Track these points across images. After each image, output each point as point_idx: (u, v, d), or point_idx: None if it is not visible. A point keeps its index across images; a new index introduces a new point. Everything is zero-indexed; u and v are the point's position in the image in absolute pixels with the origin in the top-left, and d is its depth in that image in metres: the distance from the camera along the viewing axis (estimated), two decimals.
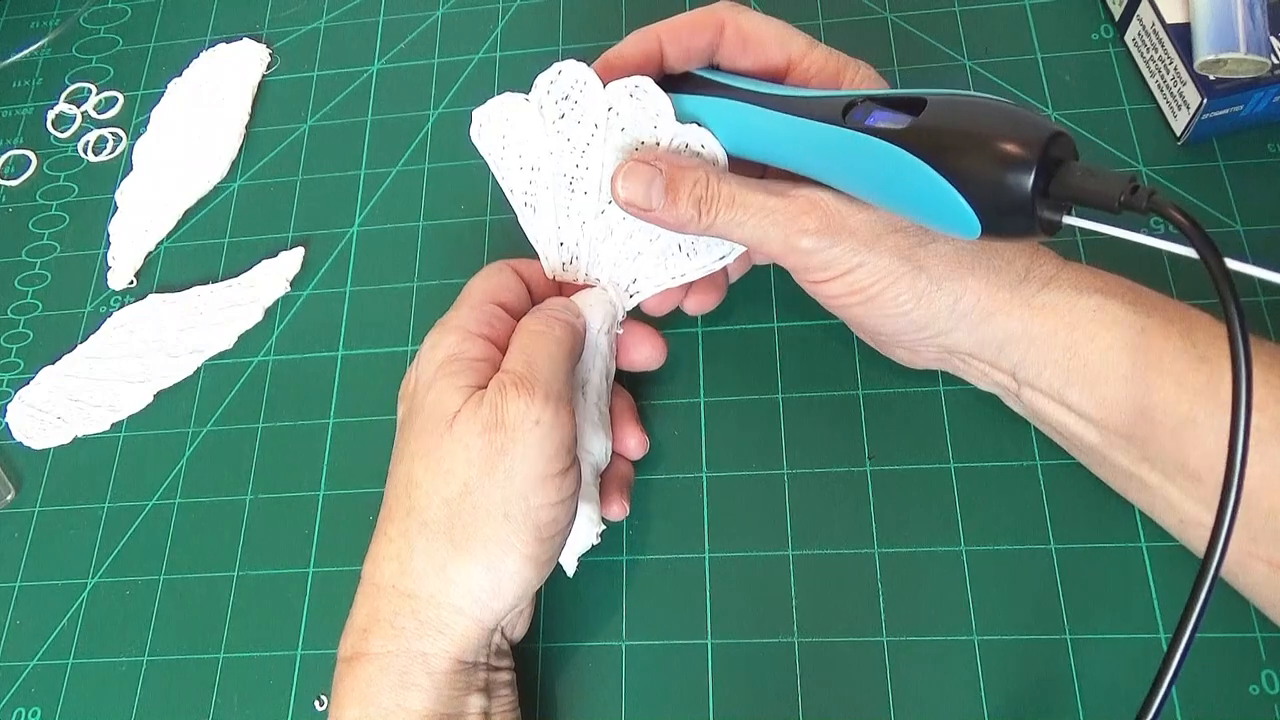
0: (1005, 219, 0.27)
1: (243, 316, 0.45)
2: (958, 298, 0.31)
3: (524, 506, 0.30)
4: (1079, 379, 0.31)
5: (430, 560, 0.30)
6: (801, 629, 0.36)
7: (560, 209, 0.36)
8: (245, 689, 0.38)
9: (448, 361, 0.32)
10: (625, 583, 0.38)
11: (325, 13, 0.53)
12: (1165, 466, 0.30)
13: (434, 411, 0.31)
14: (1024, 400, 0.33)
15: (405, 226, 0.46)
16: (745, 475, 0.39)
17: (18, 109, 0.53)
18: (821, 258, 0.31)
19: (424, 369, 0.33)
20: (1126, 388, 0.30)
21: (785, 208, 0.31)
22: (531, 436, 0.30)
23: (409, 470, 0.31)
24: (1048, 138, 0.26)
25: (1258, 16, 0.39)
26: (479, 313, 0.34)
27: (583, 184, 0.35)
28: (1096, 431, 0.31)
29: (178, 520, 0.41)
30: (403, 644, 0.30)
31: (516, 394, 0.30)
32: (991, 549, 0.36)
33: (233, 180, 0.49)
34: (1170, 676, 0.25)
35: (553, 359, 0.32)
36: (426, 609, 0.30)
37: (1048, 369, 0.31)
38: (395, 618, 0.30)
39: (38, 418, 0.44)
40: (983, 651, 0.35)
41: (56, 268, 0.48)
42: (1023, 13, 0.46)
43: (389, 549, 0.31)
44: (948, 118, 0.28)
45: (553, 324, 0.33)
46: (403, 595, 0.30)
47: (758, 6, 0.49)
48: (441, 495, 0.30)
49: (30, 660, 0.40)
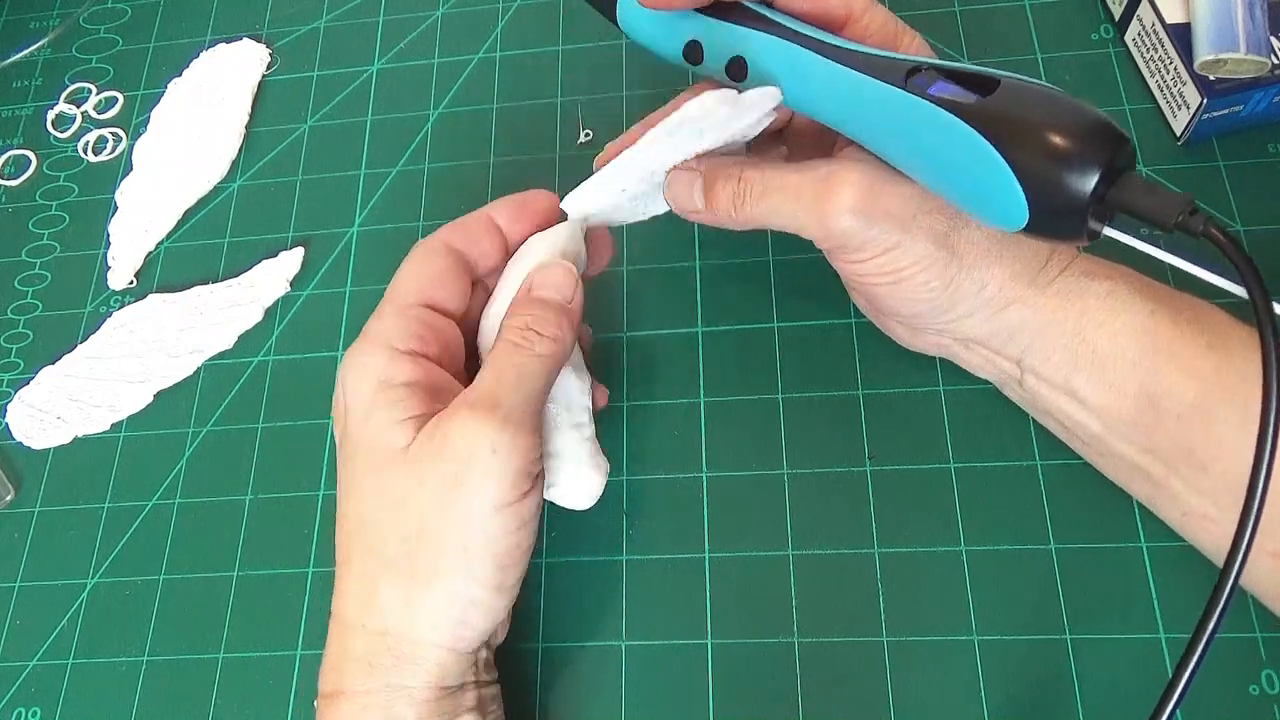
0: (1056, 218, 0.26)
1: (243, 316, 0.45)
2: (983, 285, 0.31)
3: (483, 539, 0.29)
4: (1086, 364, 0.31)
5: (394, 598, 0.29)
6: (801, 629, 0.36)
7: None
8: (245, 689, 0.38)
9: (379, 390, 0.30)
10: (625, 583, 0.38)
11: (325, 13, 0.53)
12: (1170, 456, 0.30)
13: (376, 446, 0.30)
14: (1026, 388, 0.33)
15: (405, 226, 0.46)
16: (745, 475, 0.39)
17: (18, 109, 0.53)
18: (858, 239, 0.30)
19: (354, 397, 0.31)
20: (1134, 373, 0.30)
21: (817, 189, 0.30)
22: (489, 465, 0.28)
23: (360, 509, 0.30)
24: (1117, 144, 0.26)
25: (1258, 16, 0.39)
26: (405, 322, 0.31)
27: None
28: (1101, 420, 0.31)
29: (178, 520, 0.41)
30: (381, 680, 0.29)
31: (472, 418, 0.28)
32: (991, 549, 0.36)
33: (233, 180, 0.49)
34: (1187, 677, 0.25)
35: (525, 379, 0.30)
36: (399, 645, 0.29)
37: (1055, 354, 0.31)
38: (370, 656, 0.29)
39: (38, 418, 0.44)
40: (983, 651, 0.35)
41: (56, 268, 0.48)
42: (1023, 13, 0.46)
43: (354, 587, 0.30)
44: (1022, 103, 0.27)
45: (535, 340, 0.31)
46: (373, 634, 0.29)
47: None
48: (399, 533, 0.29)
49: (30, 660, 0.40)
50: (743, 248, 0.42)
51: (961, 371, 0.36)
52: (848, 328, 0.40)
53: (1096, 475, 0.35)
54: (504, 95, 0.49)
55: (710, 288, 0.42)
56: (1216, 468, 0.29)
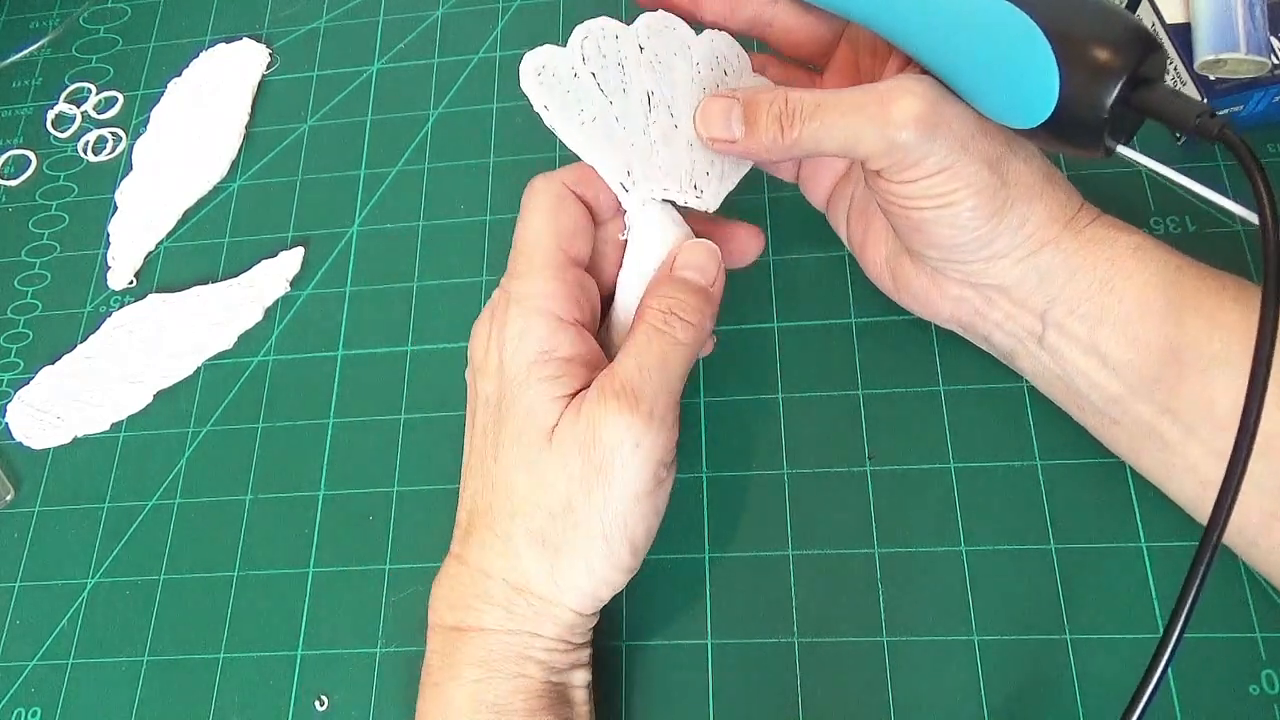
0: (1083, 108, 0.27)
1: (243, 316, 0.45)
2: (1024, 220, 0.31)
3: (620, 524, 0.30)
4: (1112, 316, 0.31)
5: (538, 564, 0.30)
6: (801, 629, 0.36)
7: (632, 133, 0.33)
8: (245, 689, 0.38)
9: (540, 362, 0.30)
10: None
11: (325, 13, 0.53)
12: (1191, 415, 0.30)
13: (529, 421, 0.30)
14: (1046, 345, 0.32)
15: (405, 226, 0.46)
16: (745, 475, 0.39)
17: (18, 109, 0.53)
18: (918, 152, 0.29)
19: (512, 360, 0.30)
20: (1159, 325, 0.30)
21: (879, 100, 0.29)
22: (632, 460, 0.29)
23: (510, 476, 0.30)
24: (1151, 49, 0.27)
25: (1258, 16, 0.39)
26: (565, 286, 0.31)
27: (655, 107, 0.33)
28: (1121, 378, 0.31)
29: (178, 520, 0.41)
30: (519, 624, 0.31)
31: (619, 410, 0.29)
32: (991, 549, 0.36)
33: (233, 180, 0.49)
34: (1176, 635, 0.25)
35: (667, 367, 0.30)
36: (538, 602, 0.31)
37: (1082, 304, 0.31)
38: (509, 604, 0.31)
39: (38, 418, 0.44)
40: (983, 651, 0.35)
41: (56, 268, 0.48)
42: None
43: (496, 545, 0.31)
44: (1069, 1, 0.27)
45: (677, 326, 0.30)
46: (514, 589, 0.31)
47: None
48: (545, 507, 0.30)
49: (30, 660, 0.40)
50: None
51: (962, 372, 0.36)
52: (848, 328, 0.40)
53: (1096, 475, 0.35)
54: (504, 95, 0.49)
55: None
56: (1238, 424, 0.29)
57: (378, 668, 0.38)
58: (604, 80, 0.33)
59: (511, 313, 0.31)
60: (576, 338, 0.31)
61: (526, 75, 0.32)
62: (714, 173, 0.34)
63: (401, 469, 0.41)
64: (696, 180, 0.33)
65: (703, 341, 0.31)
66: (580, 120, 0.32)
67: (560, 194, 0.32)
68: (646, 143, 0.33)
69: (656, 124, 0.33)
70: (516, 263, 0.32)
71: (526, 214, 0.32)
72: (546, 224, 0.31)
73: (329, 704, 0.37)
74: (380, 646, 0.38)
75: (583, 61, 0.32)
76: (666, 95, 0.33)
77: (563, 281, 0.31)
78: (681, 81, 0.34)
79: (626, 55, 0.33)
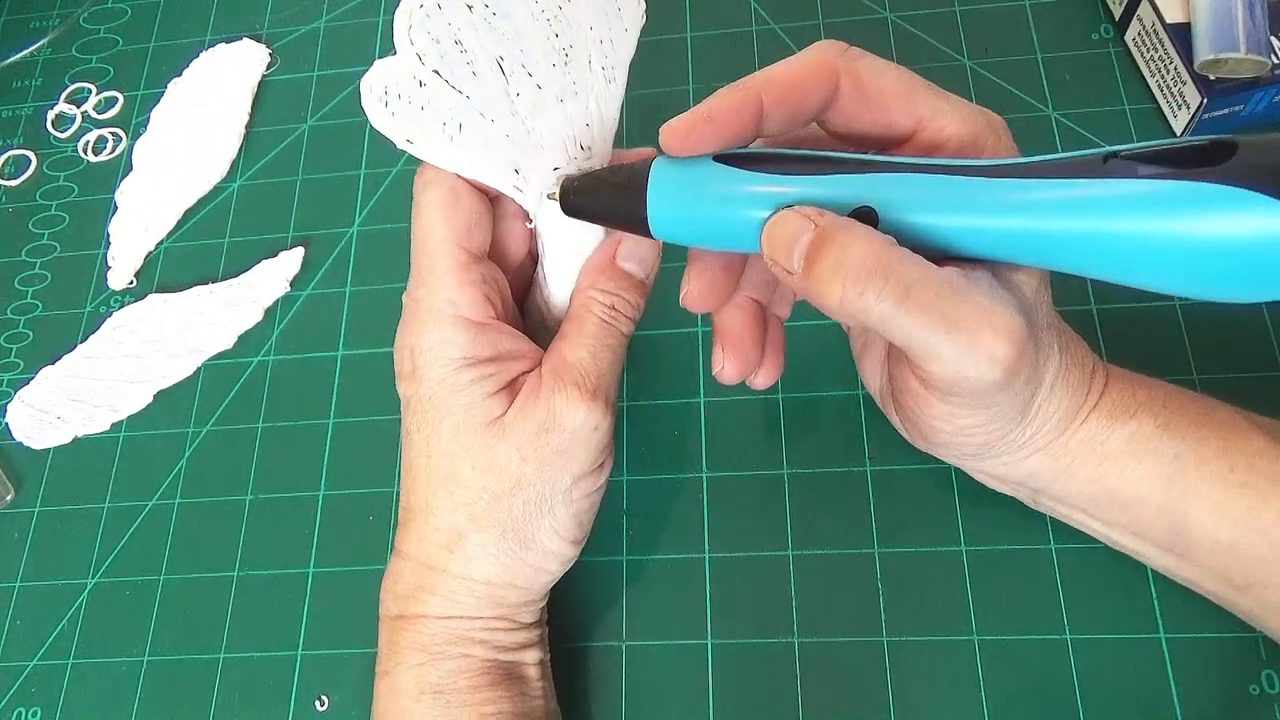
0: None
1: (243, 316, 0.45)
2: (1024, 441, 0.29)
3: (567, 500, 0.31)
4: (1108, 504, 0.30)
5: (483, 549, 0.31)
6: (801, 629, 0.36)
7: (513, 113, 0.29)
8: (245, 689, 0.38)
9: (464, 367, 0.30)
10: (625, 583, 0.38)
11: (325, 13, 0.53)
12: (1207, 574, 0.30)
13: (468, 417, 0.30)
14: (1043, 507, 0.33)
15: (405, 226, 0.46)
16: (745, 475, 0.39)
17: (18, 109, 0.53)
18: (984, 397, 0.26)
19: (437, 367, 0.30)
20: (1161, 515, 0.30)
21: (973, 325, 0.24)
22: (590, 440, 0.30)
23: (452, 469, 0.30)
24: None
25: (1258, 16, 0.39)
26: (472, 287, 0.30)
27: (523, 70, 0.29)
28: (1131, 538, 0.31)
29: (178, 520, 0.41)
30: (460, 610, 0.31)
31: (580, 398, 0.29)
32: (991, 549, 0.36)
33: (233, 180, 0.49)
34: None
35: (614, 357, 0.31)
36: (481, 587, 0.31)
37: (1072, 496, 0.31)
38: (453, 593, 0.31)
39: (38, 418, 0.44)
40: (983, 651, 0.35)
41: (56, 268, 0.48)
42: (1023, 13, 0.46)
43: (436, 538, 0.31)
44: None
45: (621, 320, 0.31)
46: (458, 577, 0.31)
47: (763, 11, 0.49)
48: (492, 491, 0.30)
49: (30, 660, 0.40)
50: None
51: None
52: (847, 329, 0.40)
53: None
54: None
55: None
56: (1253, 592, 0.29)
57: None
58: (450, 73, 0.28)
59: (426, 323, 0.30)
60: (496, 335, 0.30)
61: (374, 110, 0.27)
62: (594, 120, 0.30)
63: (401, 469, 0.41)
64: (580, 139, 0.30)
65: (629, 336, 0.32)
66: (448, 136, 0.28)
67: (453, 187, 0.30)
68: (518, 125, 0.29)
69: (520, 95, 0.29)
70: (419, 268, 0.30)
71: (421, 213, 0.30)
72: (443, 224, 0.30)
73: (329, 704, 0.37)
74: None
75: (421, 62, 0.27)
76: (515, 53, 0.29)
77: (468, 283, 0.30)
78: (524, 25, 0.29)
79: (459, 26, 0.28)
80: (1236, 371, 0.37)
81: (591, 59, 0.30)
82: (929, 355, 0.25)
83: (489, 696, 0.31)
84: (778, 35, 0.48)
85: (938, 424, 0.28)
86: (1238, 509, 0.28)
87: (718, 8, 0.49)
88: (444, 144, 0.28)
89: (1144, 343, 0.31)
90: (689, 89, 0.47)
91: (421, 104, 0.27)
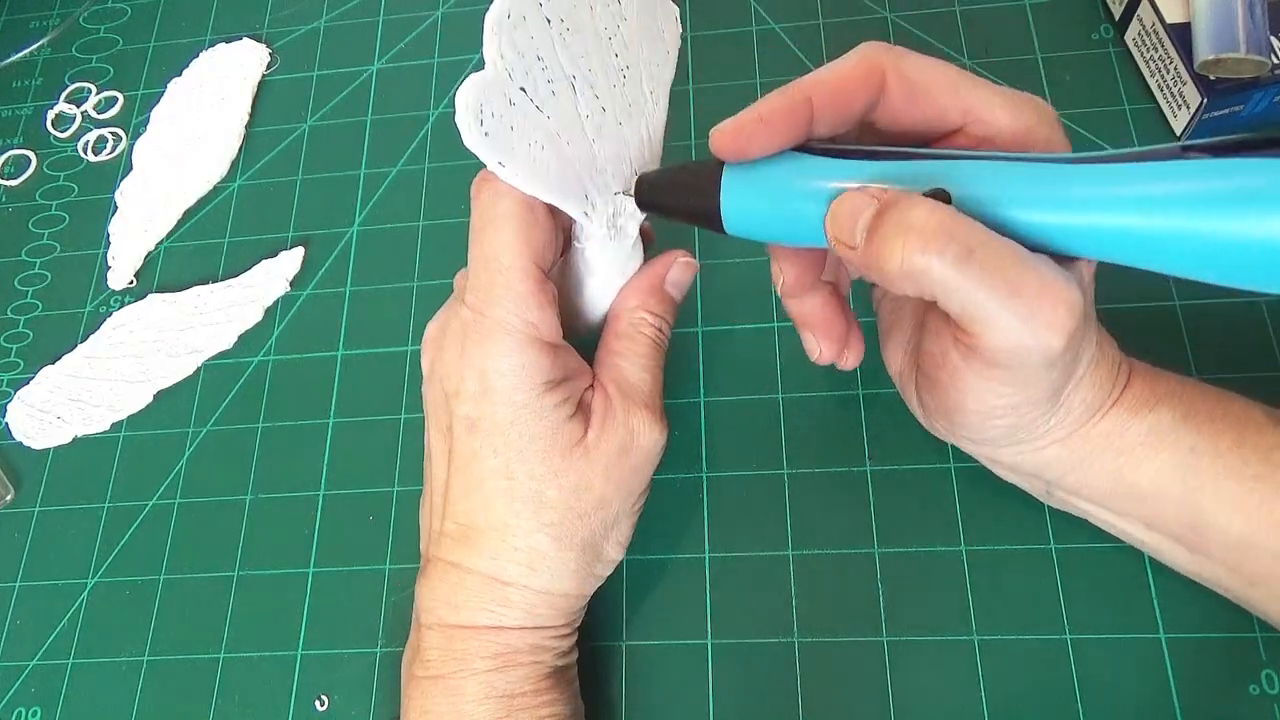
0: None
1: (243, 316, 0.45)
2: (1046, 430, 0.29)
3: (632, 513, 0.33)
4: (1124, 496, 0.30)
5: (564, 566, 0.31)
6: (801, 629, 0.36)
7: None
8: (245, 689, 0.38)
9: (547, 390, 0.29)
10: (625, 583, 0.38)
11: (325, 13, 0.53)
12: (1220, 568, 0.31)
13: (554, 440, 0.30)
14: (1055, 500, 0.33)
15: (405, 226, 0.46)
16: (745, 475, 0.39)
17: (18, 109, 0.53)
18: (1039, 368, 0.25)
19: (512, 390, 0.29)
20: (1176, 509, 0.30)
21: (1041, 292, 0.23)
22: (657, 457, 0.32)
23: (537, 490, 0.30)
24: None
25: (1258, 16, 0.39)
26: (550, 309, 0.29)
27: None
28: (1145, 531, 0.31)
29: (178, 520, 0.41)
30: (539, 621, 0.32)
31: (650, 420, 0.31)
32: (991, 549, 0.36)
33: (233, 180, 0.49)
34: None
35: (661, 374, 0.33)
36: (560, 600, 0.32)
37: (1089, 485, 0.31)
38: (532, 608, 0.32)
39: (38, 418, 0.44)
40: (983, 651, 0.35)
41: (56, 268, 0.48)
42: (1023, 13, 0.46)
43: (516, 556, 0.31)
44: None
45: (663, 339, 0.33)
46: (540, 593, 0.31)
47: (763, 11, 0.49)
48: (575, 510, 0.31)
49: (30, 660, 0.40)
50: (742, 248, 0.42)
51: None
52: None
53: None
54: None
55: (710, 288, 0.42)
56: (1265, 587, 0.30)
57: (378, 668, 0.38)
58: (534, 92, 0.27)
59: (505, 345, 0.29)
60: (567, 357, 0.31)
61: (470, 129, 0.25)
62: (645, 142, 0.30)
63: (401, 469, 0.41)
64: (634, 162, 0.30)
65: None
66: (533, 159, 0.27)
67: (530, 203, 0.28)
68: (588, 147, 0.28)
69: (590, 118, 0.28)
70: (492, 285, 0.29)
71: (493, 226, 0.29)
72: (522, 242, 0.28)
73: (329, 704, 0.37)
74: (380, 646, 0.38)
75: (510, 79, 0.26)
76: (585, 72, 0.28)
77: (548, 305, 0.29)
78: (592, 43, 0.28)
79: (539, 40, 0.27)
80: (1237, 371, 0.37)
81: (643, 80, 0.30)
82: (987, 321, 0.24)
83: (547, 699, 0.32)
84: (778, 35, 0.48)
85: (969, 403, 0.27)
86: (1251, 503, 0.28)
87: (718, 8, 0.49)
88: (528, 166, 0.27)
89: (1144, 343, 0.31)
90: (689, 89, 0.47)
91: (511, 123, 0.26)
